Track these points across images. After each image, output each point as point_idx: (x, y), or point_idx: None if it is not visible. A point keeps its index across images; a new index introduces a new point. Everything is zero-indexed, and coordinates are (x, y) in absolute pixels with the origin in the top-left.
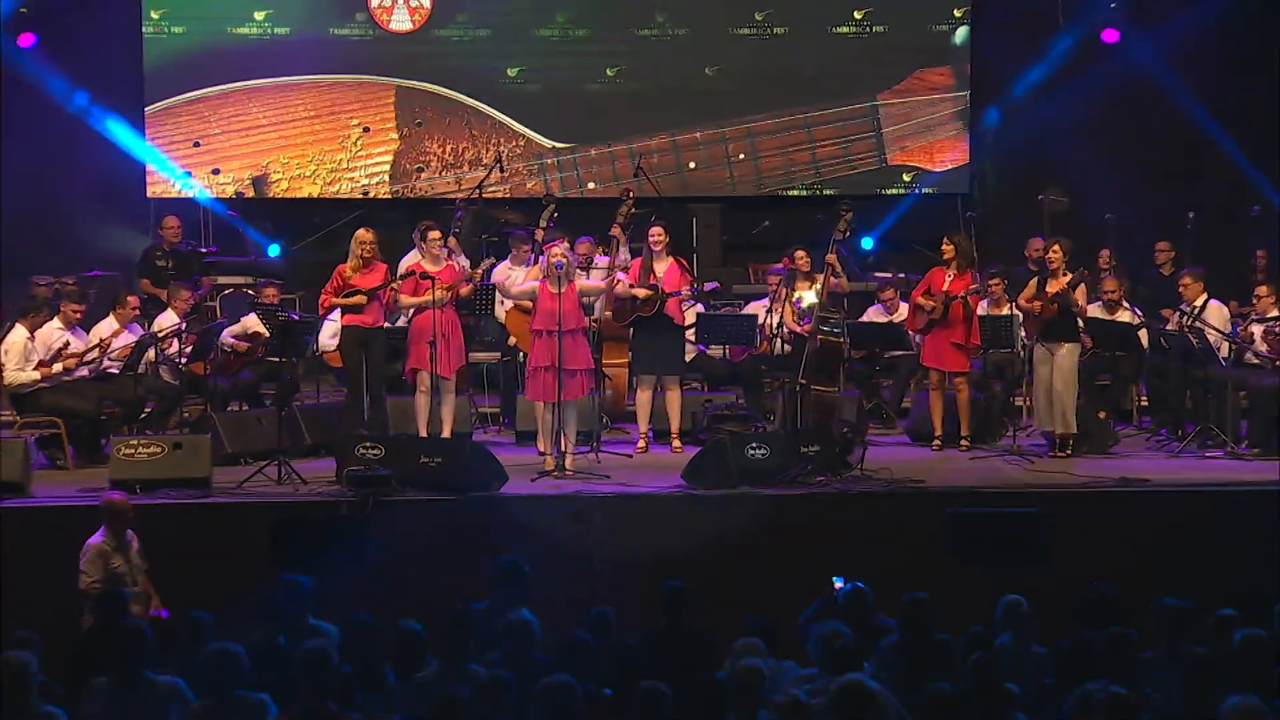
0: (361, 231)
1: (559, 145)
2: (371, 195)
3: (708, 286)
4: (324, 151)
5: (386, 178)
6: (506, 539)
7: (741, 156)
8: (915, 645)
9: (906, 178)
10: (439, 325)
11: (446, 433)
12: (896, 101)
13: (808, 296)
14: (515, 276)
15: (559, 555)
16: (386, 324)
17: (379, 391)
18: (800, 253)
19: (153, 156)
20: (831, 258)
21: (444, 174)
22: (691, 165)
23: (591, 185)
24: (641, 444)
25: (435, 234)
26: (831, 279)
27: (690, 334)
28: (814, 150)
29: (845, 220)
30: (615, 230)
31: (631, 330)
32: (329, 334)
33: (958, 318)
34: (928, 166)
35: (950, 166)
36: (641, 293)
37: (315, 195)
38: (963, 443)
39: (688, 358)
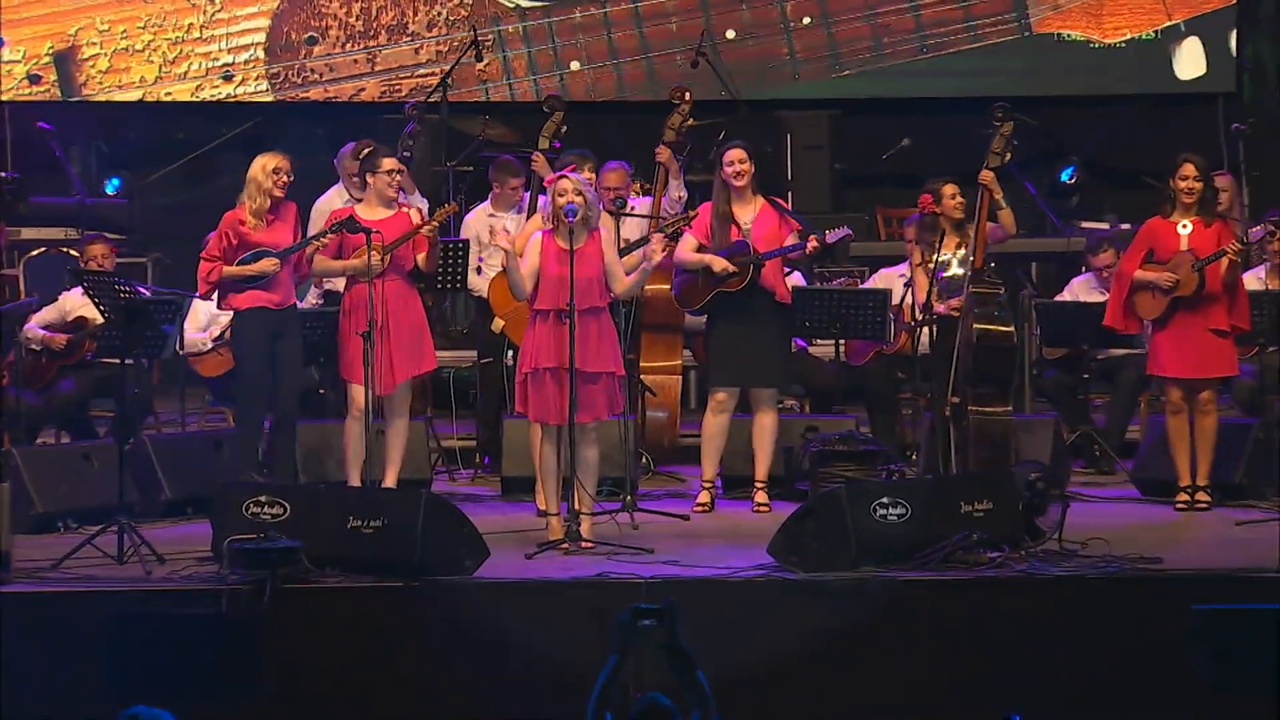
0: (269, 159)
1: (524, 3)
2: (239, 82)
3: (832, 236)
4: (163, 13)
5: (260, 53)
6: (485, 650)
7: (806, 21)
8: None
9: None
10: (379, 308)
11: (391, 481)
12: None
13: (954, 261)
14: (501, 228)
15: (570, 678)
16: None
17: (288, 413)
18: (949, 188)
19: None
20: (988, 177)
21: (348, 47)
22: (729, 35)
23: (575, 65)
24: (704, 498)
25: (390, 164)
26: (987, 225)
27: None
28: (917, 12)
29: (1002, 135)
30: (663, 153)
31: (708, 316)
32: (200, 322)
33: (1216, 290)
34: (1094, 36)
35: (1128, 36)
36: (720, 266)
37: (152, 80)
38: (1200, 498)
39: None
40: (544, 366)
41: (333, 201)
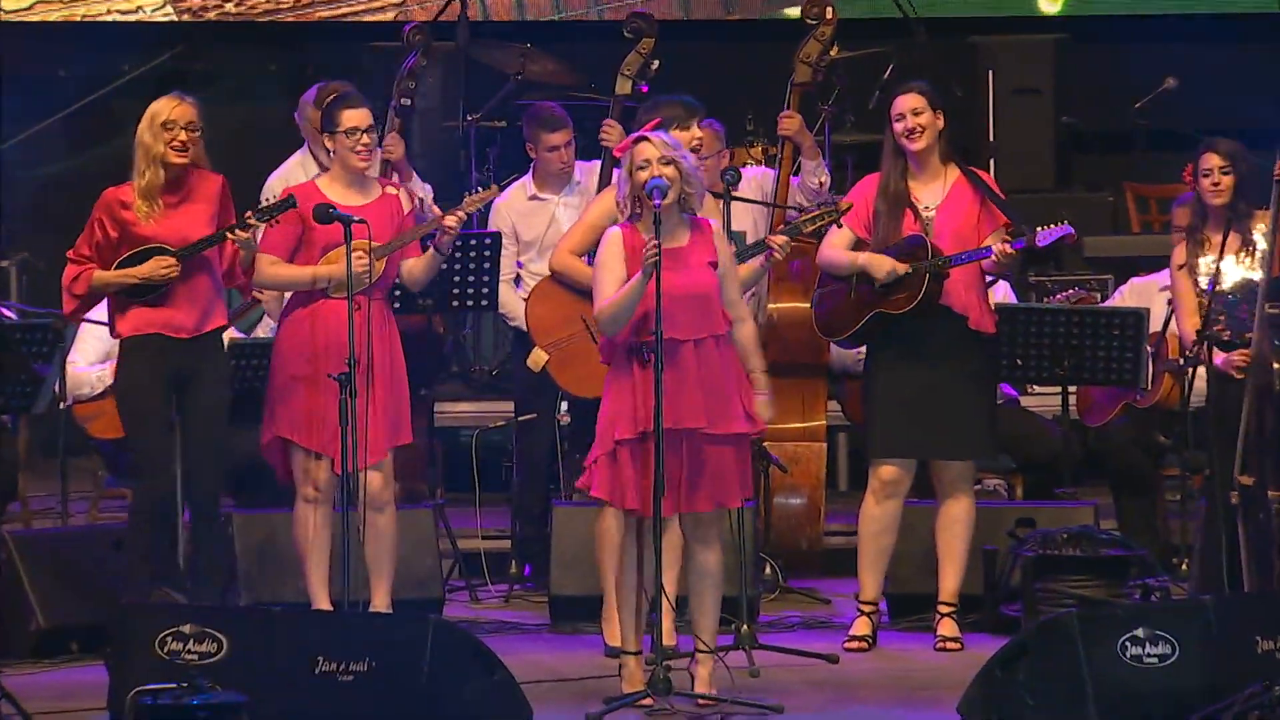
0: (160, 106)
1: None
2: None
3: (1043, 236)
4: None
5: None
6: None
7: None
8: None
9: None
10: (359, 339)
11: (382, 602)
12: None
13: (1231, 272)
14: (551, 216)
15: None
16: (235, 330)
17: (208, 497)
18: (1210, 157)
19: None
20: None
21: None
22: None
23: None
24: (862, 628)
25: (355, 118)
26: None
27: None
28: None
29: None
30: (791, 123)
31: (866, 351)
32: (93, 353)
33: None
34: None
35: None
36: (884, 268)
37: None
38: None
39: None
40: (627, 437)
41: (293, 176)
